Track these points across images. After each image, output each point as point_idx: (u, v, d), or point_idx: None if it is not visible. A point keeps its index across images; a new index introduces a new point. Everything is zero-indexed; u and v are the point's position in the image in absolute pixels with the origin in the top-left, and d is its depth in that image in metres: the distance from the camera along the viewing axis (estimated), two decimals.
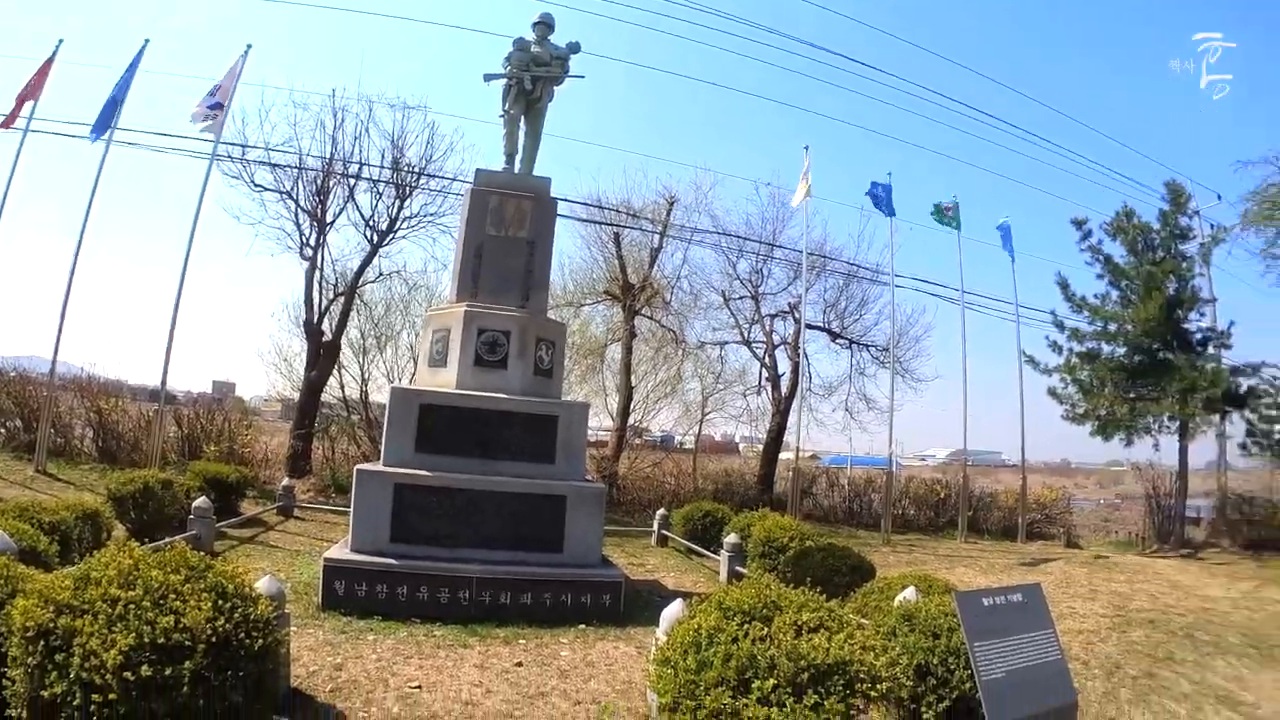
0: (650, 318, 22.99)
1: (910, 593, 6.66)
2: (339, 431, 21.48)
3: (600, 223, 23.13)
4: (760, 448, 24.77)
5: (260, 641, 4.48)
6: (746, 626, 4.73)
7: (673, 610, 5.86)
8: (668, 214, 22.64)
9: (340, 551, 8.51)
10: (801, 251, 21.13)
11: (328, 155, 19.84)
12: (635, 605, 9.11)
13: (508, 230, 10.46)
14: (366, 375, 21.70)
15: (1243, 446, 20.33)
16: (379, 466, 9.05)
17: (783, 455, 23.88)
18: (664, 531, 15.14)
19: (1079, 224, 21.56)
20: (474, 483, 8.85)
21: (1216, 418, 20.46)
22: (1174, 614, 10.82)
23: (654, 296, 22.20)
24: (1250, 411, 19.65)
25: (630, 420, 23.43)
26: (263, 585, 5.16)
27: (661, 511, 15.77)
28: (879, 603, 7.20)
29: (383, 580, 8.15)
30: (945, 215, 21.79)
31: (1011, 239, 22.61)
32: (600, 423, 25.20)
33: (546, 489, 9.13)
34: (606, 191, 24.25)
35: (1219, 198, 23.17)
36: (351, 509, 8.80)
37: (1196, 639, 9.47)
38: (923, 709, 5.33)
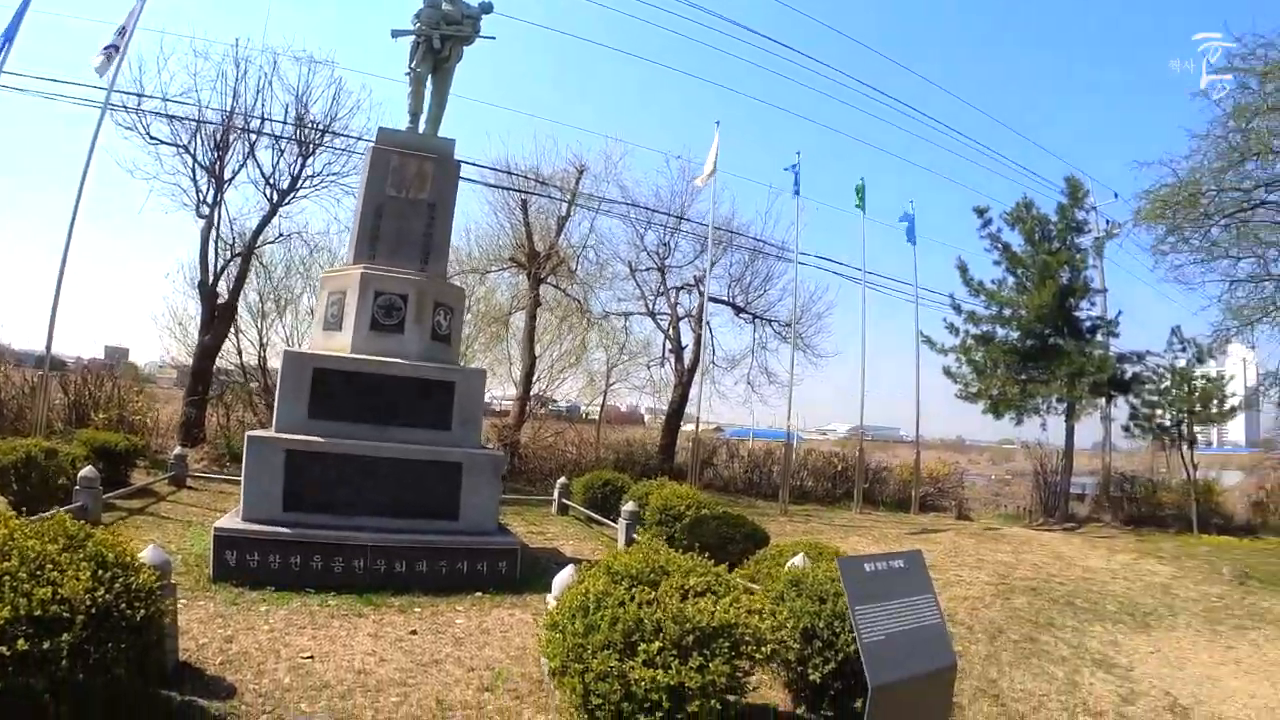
0: (556, 286, 22.90)
1: (800, 559, 6.85)
2: (235, 399, 20.83)
3: (508, 188, 22.87)
4: (665, 419, 25.05)
5: (142, 612, 4.39)
6: (634, 591, 4.83)
7: (564, 576, 5.94)
8: (577, 182, 22.53)
9: (232, 521, 8.30)
10: (708, 225, 21.34)
11: (228, 108, 19.11)
12: (533, 572, 9.16)
13: (409, 192, 10.25)
14: (265, 340, 21.04)
15: (1126, 429, 22.15)
16: (271, 433, 8.82)
17: (686, 427, 24.20)
18: (564, 500, 15.19)
19: (980, 212, 22.93)
20: (369, 449, 8.73)
21: (1102, 401, 22.18)
22: (1055, 583, 11.39)
23: (559, 265, 22.11)
24: (1134, 396, 21.31)
25: (535, 390, 23.42)
26: (147, 555, 5.06)
27: (562, 480, 15.78)
28: (770, 569, 7.38)
29: (275, 550, 8.00)
30: (859, 199, 22.39)
31: (914, 224, 23.22)
32: (505, 391, 25.25)
33: (442, 456, 9.06)
34: (515, 157, 24.04)
35: (1115, 196, 24.47)
36: (243, 477, 8.56)
37: (1076, 606, 10.01)
38: (809, 670, 5.50)
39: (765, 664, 4.90)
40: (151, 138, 18.92)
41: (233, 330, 20.28)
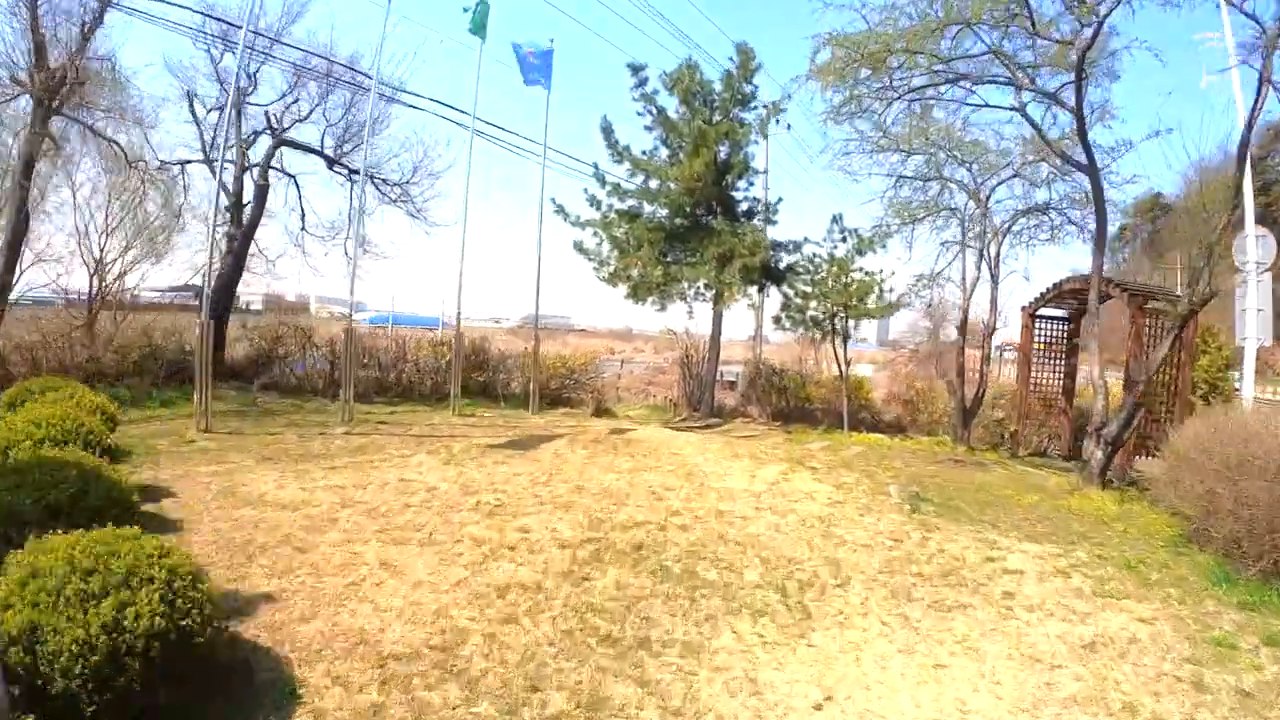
0: (80, 121, 16.57)
1: None
2: None
3: None
4: (339, 309, 19.93)
5: None
6: None
7: None
8: None
9: None
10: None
11: None
12: None
13: None
14: None
15: (776, 320, 20.74)
16: None
17: (349, 311, 19.07)
18: None
19: (636, 69, 19.61)
20: None
21: (754, 290, 20.70)
22: (675, 530, 8.18)
23: (80, 86, 15.76)
24: (788, 287, 19.82)
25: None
26: None
27: None
28: None
29: None
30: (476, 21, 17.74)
31: (551, 63, 19.16)
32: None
33: None
34: None
35: (789, 96, 21.89)
36: None
37: (699, 581, 6.84)
38: None
39: None
40: None
41: None
